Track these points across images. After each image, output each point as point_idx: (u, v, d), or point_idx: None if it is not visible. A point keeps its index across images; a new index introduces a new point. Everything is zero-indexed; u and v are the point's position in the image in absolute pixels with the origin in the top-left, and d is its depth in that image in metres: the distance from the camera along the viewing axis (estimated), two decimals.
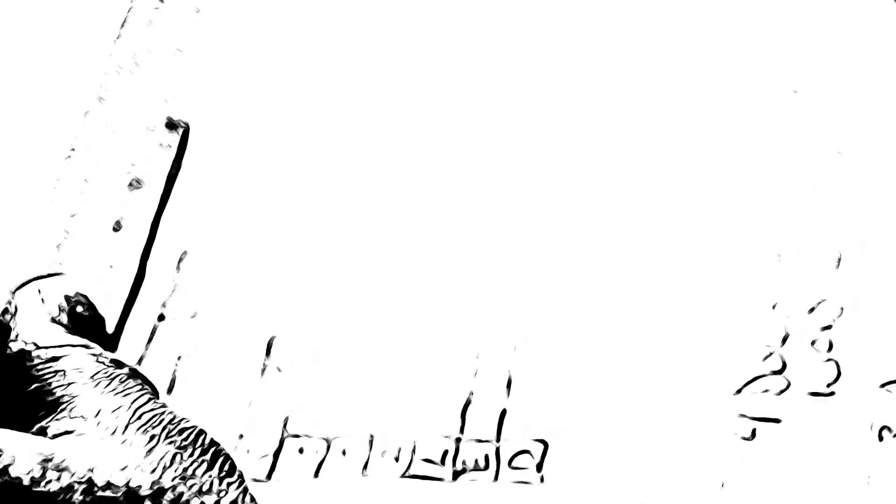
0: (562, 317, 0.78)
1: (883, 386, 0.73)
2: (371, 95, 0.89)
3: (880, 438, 0.71)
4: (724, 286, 0.78)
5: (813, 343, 0.75)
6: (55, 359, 0.60)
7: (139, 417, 0.58)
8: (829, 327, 0.75)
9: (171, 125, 0.89)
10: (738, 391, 0.74)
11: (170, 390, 0.78)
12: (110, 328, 0.81)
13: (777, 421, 0.73)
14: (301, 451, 0.75)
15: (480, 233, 0.82)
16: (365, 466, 0.74)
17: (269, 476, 0.74)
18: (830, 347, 0.75)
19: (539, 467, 0.72)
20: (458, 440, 0.74)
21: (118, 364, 0.62)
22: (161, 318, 0.81)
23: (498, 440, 0.73)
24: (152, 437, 0.57)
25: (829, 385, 0.73)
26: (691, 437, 0.73)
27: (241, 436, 0.76)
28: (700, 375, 0.75)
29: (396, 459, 0.73)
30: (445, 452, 0.73)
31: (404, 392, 0.76)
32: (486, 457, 0.73)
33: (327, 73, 0.91)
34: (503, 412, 0.75)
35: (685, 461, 0.72)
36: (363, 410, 0.76)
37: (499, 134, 0.85)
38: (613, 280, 0.78)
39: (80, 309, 0.64)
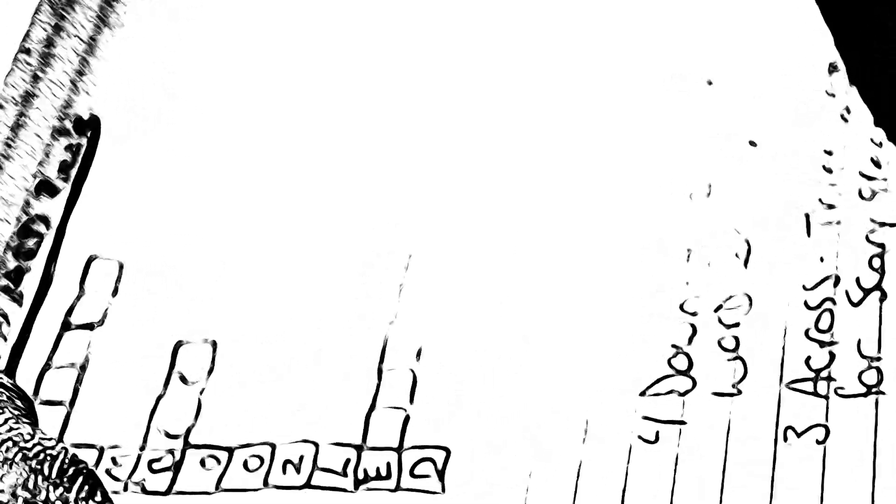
0: (465, 321, 0.77)
1: (789, 385, 0.72)
2: (318, 90, 0.88)
3: (785, 439, 0.70)
4: (631, 285, 0.76)
5: (719, 342, 0.74)
6: None
7: None
8: (735, 325, 0.74)
9: (81, 125, 0.88)
10: (643, 392, 0.73)
11: (72, 402, 0.77)
12: (13, 337, 0.80)
13: (682, 423, 0.72)
14: (203, 462, 0.74)
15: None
16: (266, 477, 0.73)
17: (168, 490, 0.73)
18: (737, 346, 0.74)
19: (441, 475, 0.72)
20: (359, 448, 0.73)
21: None
22: (66, 326, 0.80)
23: (400, 448, 0.73)
24: (4, 462, 0.55)
25: (734, 385, 0.72)
26: (594, 440, 0.72)
27: (142, 448, 0.75)
28: (605, 377, 0.74)
29: (297, 470, 0.73)
30: (347, 461, 0.73)
31: (306, 400, 0.75)
32: (388, 465, 0.72)
33: (258, 66, 0.90)
34: (406, 418, 0.74)
35: (588, 466, 0.71)
36: (265, 419, 0.75)
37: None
38: (515, 280, 0.77)
39: None
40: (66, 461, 0.58)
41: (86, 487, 0.57)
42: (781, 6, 0.85)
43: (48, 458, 0.57)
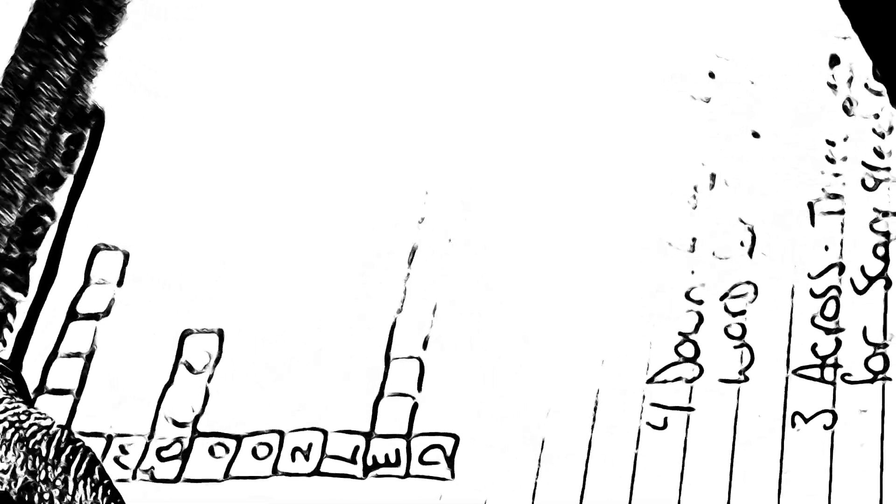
0: (472, 308, 0.77)
1: (796, 371, 0.72)
2: (305, 87, 0.88)
3: (793, 425, 0.71)
4: (637, 274, 0.77)
5: (726, 329, 0.74)
6: None
7: None
8: (742, 313, 0.75)
9: (84, 115, 0.88)
10: (651, 380, 0.73)
11: (79, 391, 0.77)
12: (18, 327, 0.80)
13: (690, 409, 0.72)
14: (211, 450, 0.74)
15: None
16: (275, 465, 0.73)
17: (177, 477, 0.73)
18: (743, 333, 0.74)
19: (450, 462, 0.72)
20: (368, 435, 0.73)
21: None
22: (72, 315, 0.80)
23: (409, 435, 0.73)
24: (2, 444, 0.55)
25: (741, 371, 0.73)
26: (602, 427, 0.72)
27: (150, 436, 0.75)
28: (612, 364, 0.74)
29: (306, 457, 0.73)
30: (356, 448, 0.73)
31: (314, 387, 0.75)
32: (397, 452, 0.72)
33: (256, 61, 0.90)
34: (415, 406, 0.74)
35: (596, 452, 0.71)
36: (273, 407, 0.75)
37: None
38: (521, 268, 0.78)
39: None
40: (63, 440, 0.57)
41: (83, 465, 0.57)
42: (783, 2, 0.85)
43: (45, 437, 0.57)
